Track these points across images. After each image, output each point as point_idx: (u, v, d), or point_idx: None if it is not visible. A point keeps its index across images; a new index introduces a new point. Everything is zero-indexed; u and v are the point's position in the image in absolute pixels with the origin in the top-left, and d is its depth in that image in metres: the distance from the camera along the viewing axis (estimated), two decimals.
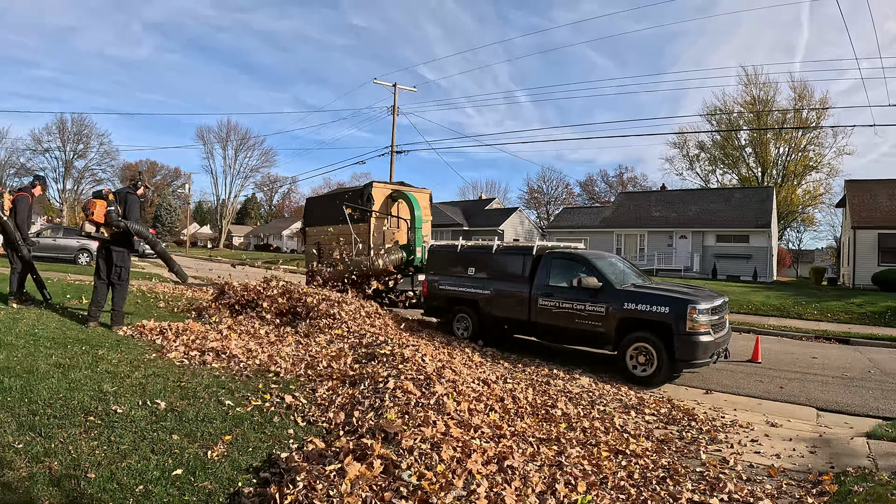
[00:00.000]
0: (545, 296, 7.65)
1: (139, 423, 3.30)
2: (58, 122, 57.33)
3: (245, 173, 69.23)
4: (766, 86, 41.53)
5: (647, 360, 6.60)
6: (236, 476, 2.83)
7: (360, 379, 4.69)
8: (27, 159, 56.46)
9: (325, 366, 5.28)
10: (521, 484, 2.95)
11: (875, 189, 24.17)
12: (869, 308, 14.62)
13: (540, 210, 62.05)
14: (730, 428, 4.94)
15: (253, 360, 5.26)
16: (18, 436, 2.95)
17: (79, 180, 61.14)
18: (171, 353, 5.23)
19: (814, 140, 40.91)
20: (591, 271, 7.32)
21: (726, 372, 7.48)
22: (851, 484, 3.45)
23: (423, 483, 2.68)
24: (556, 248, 8.50)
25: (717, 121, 45.07)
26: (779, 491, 3.47)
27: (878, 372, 7.87)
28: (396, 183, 12.74)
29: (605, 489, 3.17)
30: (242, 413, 3.70)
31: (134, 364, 4.61)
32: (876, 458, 4.15)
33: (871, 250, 21.80)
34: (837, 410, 5.83)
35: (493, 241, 9.73)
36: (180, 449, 3.03)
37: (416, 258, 10.51)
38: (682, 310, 6.37)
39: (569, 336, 7.56)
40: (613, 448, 4.02)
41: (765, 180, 41.56)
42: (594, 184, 63.54)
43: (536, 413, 4.72)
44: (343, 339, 6.58)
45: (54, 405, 3.42)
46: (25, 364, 4.21)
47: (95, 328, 6.18)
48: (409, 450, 3.05)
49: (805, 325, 12.75)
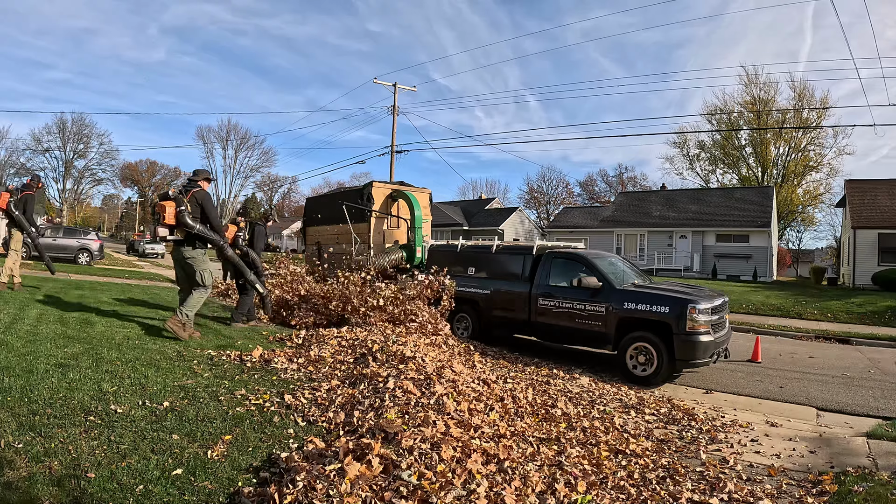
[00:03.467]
0: (545, 295, 7.65)
1: (139, 423, 3.30)
2: (58, 122, 57.28)
3: (245, 173, 69.27)
4: (766, 86, 41.56)
5: (646, 359, 6.61)
6: (236, 476, 2.83)
7: (360, 379, 4.69)
8: (27, 159, 56.42)
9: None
10: (520, 484, 2.95)
11: (875, 189, 24.17)
12: (869, 308, 14.62)
13: (540, 210, 62.09)
14: (730, 428, 4.94)
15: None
16: (18, 436, 2.95)
17: (79, 180, 61.18)
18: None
19: (814, 140, 40.93)
20: (591, 271, 7.32)
21: (726, 372, 7.48)
22: (851, 484, 3.45)
23: (422, 483, 2.68)
24: (555, 247, 8.50)
25: (717, 120, 45.07)
26: (779, 491, 3.47)
27: (878, 372, 7.87)
28: (396, 182, 12.74)
29: (605, 489, 3.17)
30: (242, 413, 3.70)
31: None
32: (876, 458, 4.15)
33: (871, 250, 21.80)
34: (837, 410, 5.83)
35: (493, 240, 9.73)
36: (180, 449, 3.03)
37: (416, 258, 10.51)
38: (681, 309, 6.37)
39: (569, 336, 7.56)
40: (613, 448, 4.02)
41: (765, 180, 41.54)
42: (594, 183, 63.60)
43: (536, 413, 4.72)
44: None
45: (54, 405, 3.42)
46: (25, 364, 4.21)
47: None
48: (409, 449, 3.05)
49: (805, 325, 12.75)
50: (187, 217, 5.68)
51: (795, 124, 40.30)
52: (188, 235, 5.81)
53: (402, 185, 11.88)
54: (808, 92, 40.55)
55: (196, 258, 5.89)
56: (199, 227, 5.76)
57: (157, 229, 5.73)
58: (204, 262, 5.96)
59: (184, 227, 5.72)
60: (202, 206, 5.88)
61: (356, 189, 11.92)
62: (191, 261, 5.88)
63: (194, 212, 5.81)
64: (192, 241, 5.87)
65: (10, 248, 8.61)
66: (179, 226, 5.73)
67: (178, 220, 5.67)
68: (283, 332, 6.97)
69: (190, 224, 5.69)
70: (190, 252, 5.87)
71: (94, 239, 21.12)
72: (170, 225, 5.71)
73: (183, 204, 5.71)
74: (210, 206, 5.95)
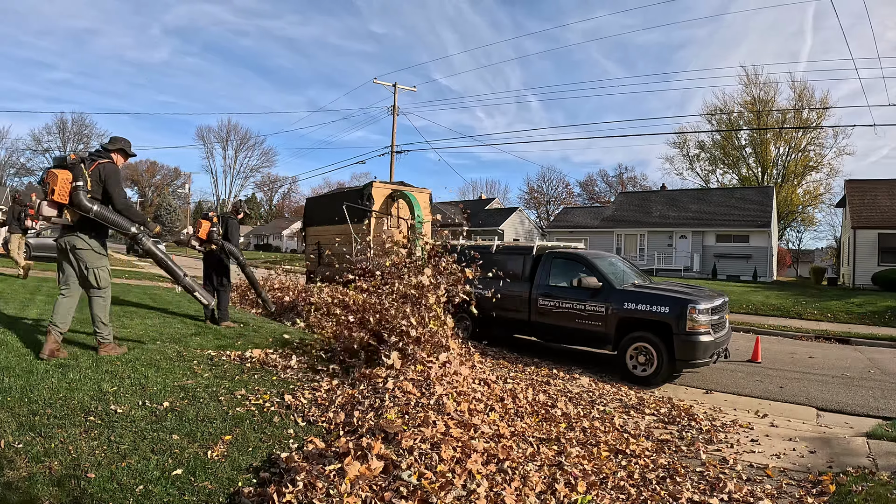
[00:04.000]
0: (545, 296, 7.65)
1: (139, 423, 3.30)
2: (58, 122, 57.42)
3: (245, 173, 69.40)
4: (766, 86, 41.58)
5: (646, 359, 6.61)
6: (236, 476, 2.83)
7: (360, 379, 4.68)
8: (27, 159, 56.53)
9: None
10: (520, 484, 2.95)
11: (875, 189, 24.17)
12: (869, 308, 14.62)
13: (540, 210, 62.11)
14: (730, 428, 4.94)
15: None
16: (18, 436, 2.95)
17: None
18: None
19: (814, 140, 40.95)
20: (591, 271, 7.32)
21: (726, 372, 7.48)
22: (851, 484, 3.45)
23: (423, 483, 2.68)
24: (556, 247, 8.50)
25: (717, 121, 45.10)
26: (779, 491, 3.47)
27: (878, 372, 7.87)
28: (396, 183, 12.75)
29: (605, 489, 3.18)
30: (242, 413, 3.70)
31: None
32: (876, 458, 4.15)
33: (871, 250, 21.80)
34: (837, 410, 5.83)
35: (493, 240, 9.73)
36: (180, 449, 3.03)
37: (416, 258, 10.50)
38: (681, 310, 6.37)
39: (569, 336, 7.56)
40: (613, 448, 4.02)
41: (765, 180, 41.55)
42: (594, 184, 63.61)
43: (536, 413, 4.73)
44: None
45: (54, 405, 3.42)
46: (25, 364, 4.21)
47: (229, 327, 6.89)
48: (409, 450, 3.05)
49: (805, 325, 12.75)
50: (82, 195, 4.21)
51: (795, 124, 40.31)
52: (82, 219, 4.35)
53: (402, 186, 11.89)
54: (808, 92, 40.65)
55: (89, 250, 4.43)
56: (96, 209, 4.27)
57: (42, 206, 4.25)
58: (100, 258, 4.52)
59: (77, 209, 4.25)
60: (105, 182, 4.41)
61: (356, 189, 11.93)
62: (82, 253, 4.40)
63: (94, 190, 4.35)
64: (87, 228, 4.40)
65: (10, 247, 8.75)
66: (72, 205, 4.26)
67: (72, 198, 4.22)
68: (284, 331, 6.94)
69: (85, 205, 4.20)
70: (82, 242, 4.38)
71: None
72: (59, 203, 4.24)
73: (81, 178, 4.25)
74: (115, 183, 4.47)
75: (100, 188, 4.43)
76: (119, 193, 4.53)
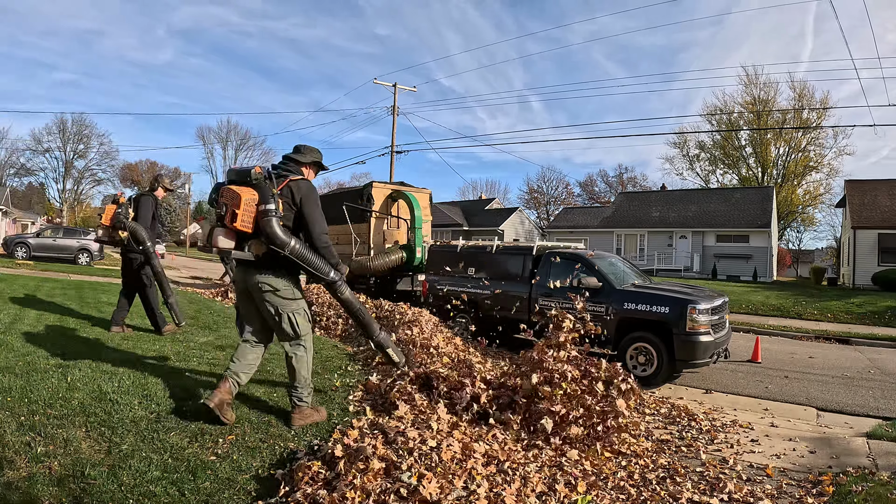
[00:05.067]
0: (545, 296, 7.65)
1: (139, 424, 3.30)
2: (58, 122, 57.40)
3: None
4: (766, 86, 41.59)
5: (646, 360, 6.60)
6: (236, 476, 2.83)
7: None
8: (27, 159, 56.55)
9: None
10: (521, 484, 2.95)
11: (875, 189, 24.18)
12: (869, 308, 14.62)
13: (540, 210, 62.07)
14: (730, 428, 4.94)
15: None
16: (18, 436, 2.95)
17: (79, 180, 61.25)
18: None
19: (814, 140, 40.96)
20: (590, 271, 7.32)
21: (726, 372, 7.48)
22: (851, 484, 3.45)
23: (422, 483, 2.68)
24: (555, 248, 8.50)
25: (717, 121, 45.10)
26: (779, 491, 3.47)
27: (878, 372, 7.87)
28: (396, 183, 12.75)
29: (605, 489, 3.18)
30: (243, 413, 3.70)
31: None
32: (876, 458, 4.15)
33: (871, 250, 21.82)
34: (837, 410, 5.83)
35: (493, 241, 9.73)
36: (180, 449, 3.03)
37: (416, 258, 10.50)
38: (681, 310, 6.37)
39: None
40: (613, 448, 4.01)
41: (765, 180, 41.56)
42: (594, 184, 63.59)
43: None
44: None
45: (54, 405, 3.42)
46: (25, 364, 4.21)
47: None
48: (409, 450, 3.05)
49: (805, 325, 12.75)
50: (275, 224, 3.32)
51: (795, 125, 40.32)
52: (269, 253, 3.42)
53: (402, 186, 11.89)
54: (809, 92, 40.65)
55: (278, 292, 3.51)
56: (293, 244, 3.39)
57: (218, 236, 3.41)
58: (294, 301, 3.56)
59: (268, 241, 3.35)
60: (301, 206, 3.52)
61: (356, 189, 11.93)
62: (270, 296, 3.51)
63: (286, 216, 3.46)
64: (276, 265, 3.49)
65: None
66: (261, 237, 3.36)
67: (262, 227, 3.32)
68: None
69: (281, 238, 3.33)
70: (268, 284, 3.49)
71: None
72: (242, 232, 3.35)
73: (273, 200, 3.35)
74: (314, 206, 3.56)
75: (291, 213, 3.48)
76: (320, 222, 3.53)
